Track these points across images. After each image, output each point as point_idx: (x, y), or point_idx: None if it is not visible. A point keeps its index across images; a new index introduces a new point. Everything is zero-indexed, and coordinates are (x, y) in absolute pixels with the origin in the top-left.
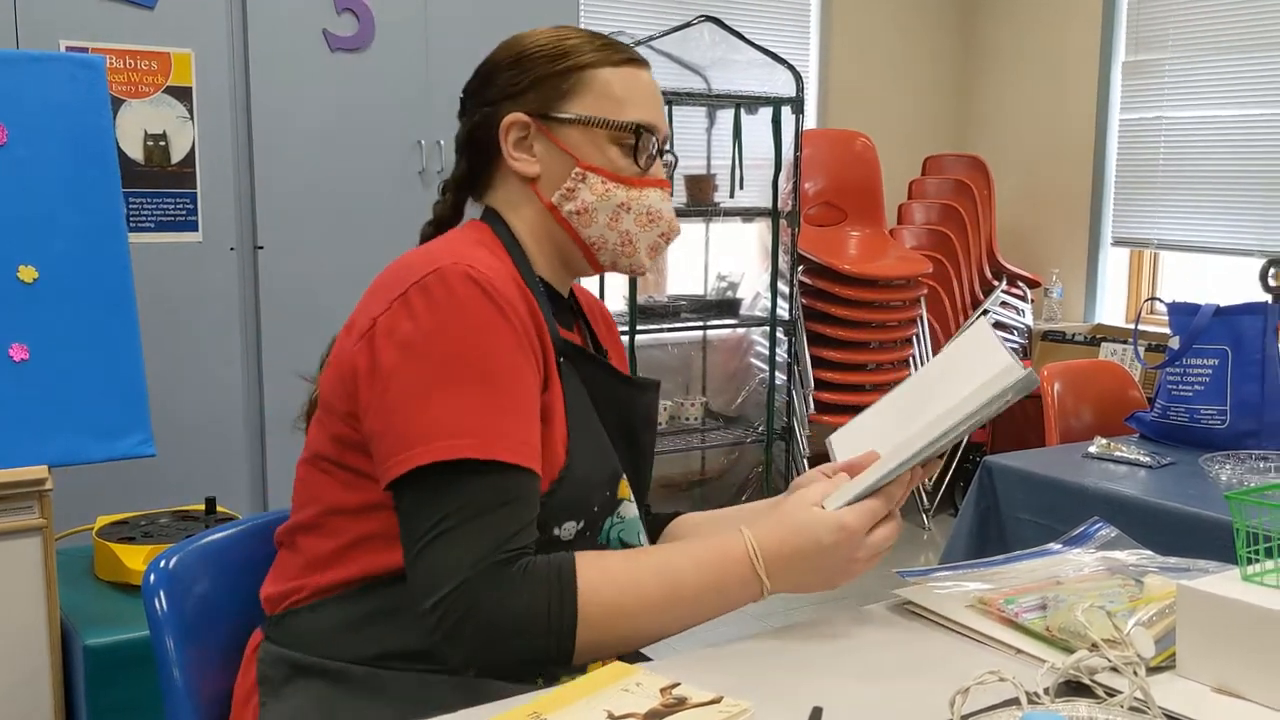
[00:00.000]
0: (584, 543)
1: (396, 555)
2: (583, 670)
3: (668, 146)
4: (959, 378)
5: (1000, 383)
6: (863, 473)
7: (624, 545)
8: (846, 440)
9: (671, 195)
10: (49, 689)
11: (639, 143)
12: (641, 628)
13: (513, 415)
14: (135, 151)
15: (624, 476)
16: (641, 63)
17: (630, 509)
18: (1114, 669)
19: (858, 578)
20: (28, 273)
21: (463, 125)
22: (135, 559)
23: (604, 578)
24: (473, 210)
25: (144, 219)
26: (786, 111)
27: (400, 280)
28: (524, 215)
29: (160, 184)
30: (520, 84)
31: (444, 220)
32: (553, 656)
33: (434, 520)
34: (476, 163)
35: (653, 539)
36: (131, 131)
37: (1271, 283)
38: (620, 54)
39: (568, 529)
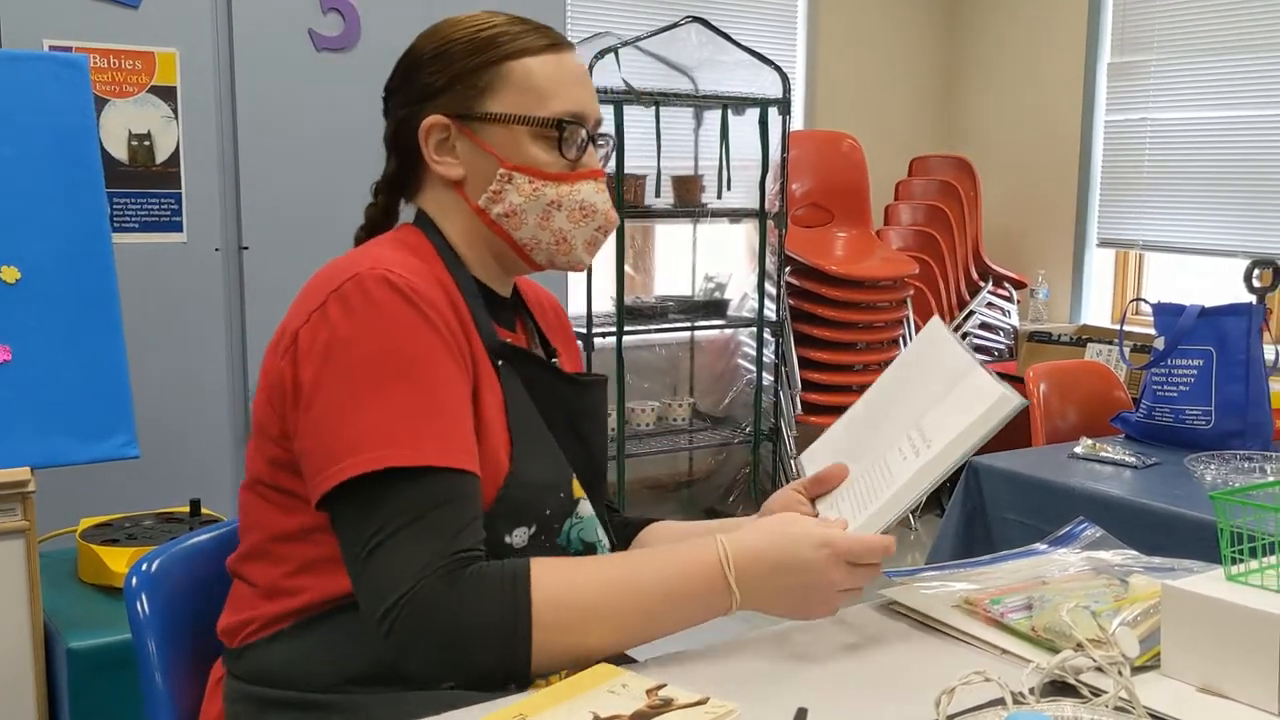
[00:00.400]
0: (540, 547)
1: (345, 579)
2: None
3: (600, 131)
4: (931, 390)
5: (996, 414)
6: (872, 512)
7: (585, 544)
8: (817, 458)
9: (608, 183)
10: (32, 691)
11: (564, 136)
12: (602, 633)
13: (442, 418)
14: (119, 151)
15: (575, 476)
16: (565, 46)
17: (587, 507)
18: (1099, 669)
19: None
20: (10, 273)
21: (388, 124)
22: (119, 561)
23: (560, 579)
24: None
25: (128, 219)
26: (774, 112)
27: (320, 290)
28: (453, 218)
29: (144, 184)
30: (437, 83)
31: (376, 223)
32: (509, 664)
33: (371, 531)
34: (404, 163)
35: (625, 545)
36: (116, 131)
37: (1256, 284)
38: (542, 39)
39: (519, 535)
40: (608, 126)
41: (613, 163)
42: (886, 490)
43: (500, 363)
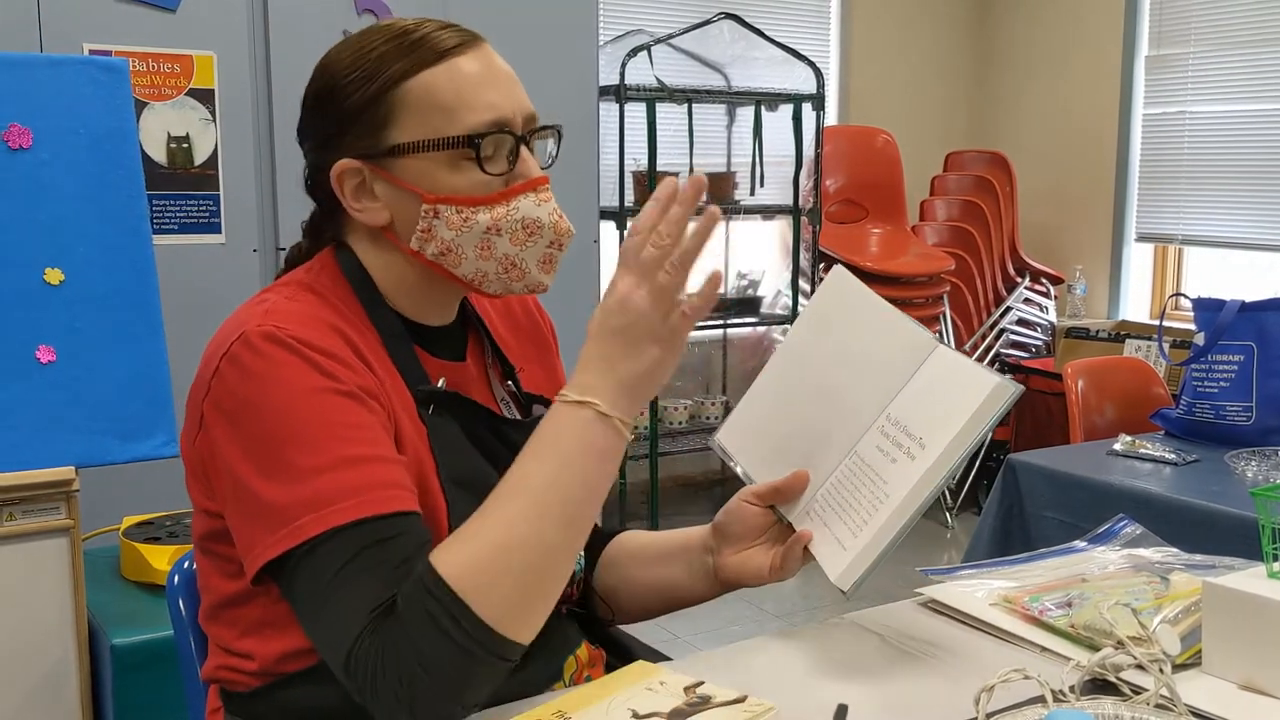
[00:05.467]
0: None
1: (290, 641)
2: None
3: (536, 126)
4: (883, 366)
5: (994, 406)
6: (877, 528)
7: None
8: (740, 439)
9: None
10: (76, 687)
11: (482, 151)
12: (529, 547)
13: (359, 465)
14: (158, 154)
15: None
16: (469, 45)
17: None
18: (1139, 666)
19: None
20: (54, 275)
21: (305, 168)
22: (161, 559)
23: (453, 541)
24: None
25: (167, 221)
26: (807, 108)
27: (214, 354)
28: (386, 261)
29: (183, 186)
30: (334, 126)
31: (297, 265)
32: (477, 647)
33: (311, 596)
34: (326, 208)
35: (595, 556)
36: (154, 134)
37: None
38: (435, 48)
39: None
40: (639, 124)
41: (643, 162)
42: (884, 501)
43: (431, 409)
